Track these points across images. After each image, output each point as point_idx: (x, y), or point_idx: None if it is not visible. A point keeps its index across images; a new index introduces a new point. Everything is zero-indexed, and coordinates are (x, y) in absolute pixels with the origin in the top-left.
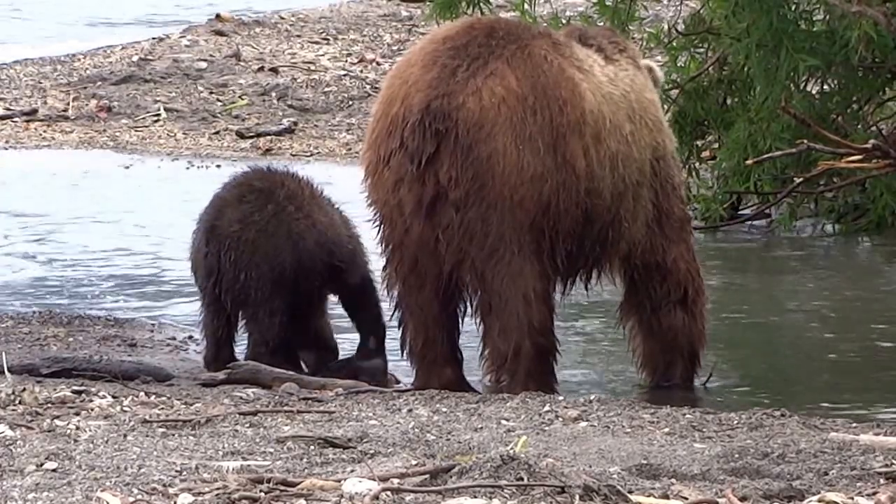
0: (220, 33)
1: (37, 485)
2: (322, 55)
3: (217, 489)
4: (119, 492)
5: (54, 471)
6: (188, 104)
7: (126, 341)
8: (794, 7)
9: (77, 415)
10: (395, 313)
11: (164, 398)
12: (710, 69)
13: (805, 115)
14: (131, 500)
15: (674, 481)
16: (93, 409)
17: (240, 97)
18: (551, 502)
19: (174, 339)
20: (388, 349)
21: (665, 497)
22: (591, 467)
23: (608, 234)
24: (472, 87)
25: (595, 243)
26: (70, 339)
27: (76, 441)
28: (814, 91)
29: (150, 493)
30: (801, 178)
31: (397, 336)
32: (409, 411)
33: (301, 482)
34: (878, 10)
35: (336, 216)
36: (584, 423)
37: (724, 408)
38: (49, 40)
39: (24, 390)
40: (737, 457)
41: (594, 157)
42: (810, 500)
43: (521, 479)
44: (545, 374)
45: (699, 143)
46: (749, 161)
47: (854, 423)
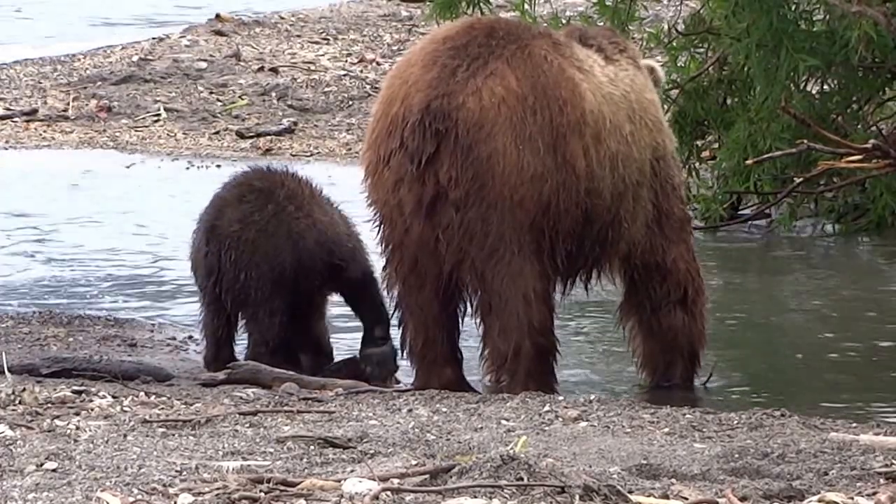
0: (220, 33)
1: (37, 485)
2: (322, 55)
3: (217, 489)
4: (119, 492)
5: (54, 471)
6: (188, 104)
7: (126, 341)
8: (794, 7)
9: (77, 415)
10: (395, 313)
11: (164, 398)
12: (710, 69)
13: (805, 115)
14: (131, 500)
15: (674, 481)
16: (93, 409)
17: (240, 97)
18: (551, 502)
19: (174, 339)
20: None
21: (665, 497)
22: (591, 467)
23: (608, 235)
24: (472, 87)
25: (595, 243)
26: (70, 339)
27: (76, 441)
28: (814, 91)
29: (150, 493)
30: (801, 178)
31: (397, 336)
32: (409, 411)
33: (301, 482)
34: (878, 10)
35: (336, 215)
36: (584, 423)
37: (724, 408)
38: (49, 40)
39: (24, 390)
40: (737, 457)
41: (594, 157)
42: (810, 500)
43: (521, 479)
44: (545, 374)
45: (699, 143)
46: (749, 161)
47: (854, 423)
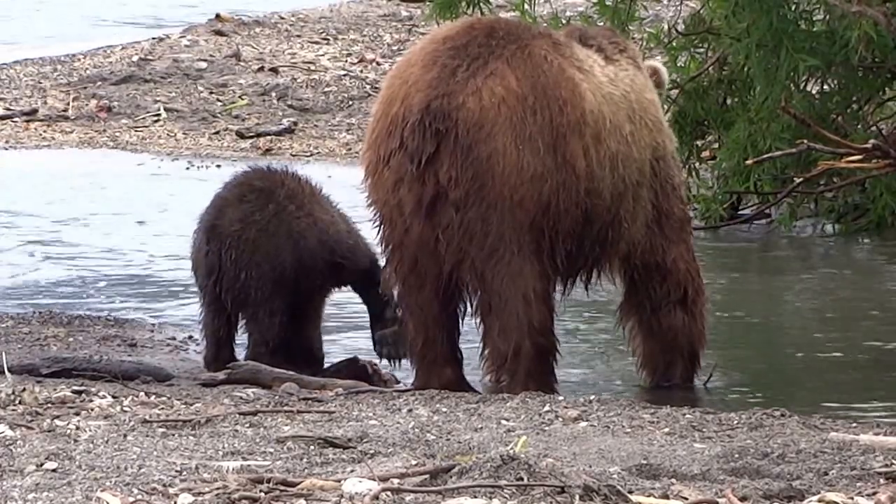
0: (220, 33)
1: (37, 485)
2: (322, 55)
3: (217, 489)
4: (119, 492)
5: (54, 471)
6: (188, 104)
7: (126, 341)
8: (794, 7)
9: (77, 415)
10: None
11: (164, 398)
12: (710, 69)
13: (805, 115)
14: (131, 500)
15: (674, 481)
16: (93, 409)
17: (240, 97)
18: (551, 502)
19: (174, 339)
20: None
21: (665, 497)
22: (591, 467)
23: (608, 235)
24: (472, 87)
25: (595, 243)
26: (70, 339)
27: (76, 441)
28: (814, 91)
29: (150, 493)
30: (801, 178)
31: None
32: (409, 411)
33: (301, 482)
34: (878, 10)
35: (336, 214)
36: (584, 423)
37: (724, 408)
38: (49, 40)
39: (24, 390)
40: (737, 457)
41: (594, 157)
42: (810, 500)
43: (521, 479)
44: (545, 374)
45: (699, 143)
46: (749, 161)
47: (854, 423)
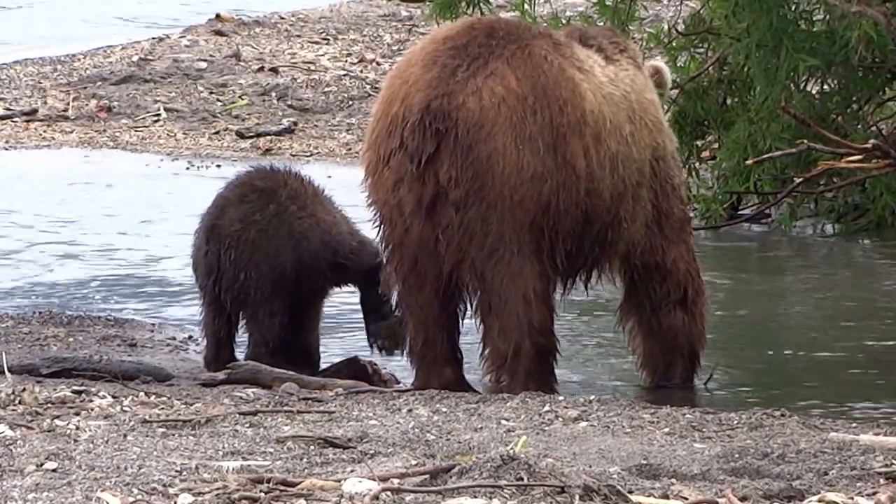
0: (220, 33)
1: (37, 485)
2: (322, 55)
3: (217, 489)
4: (119, 492)
5: (54, 471)
6: (188, 104)
7: (126, 341)
8: (794, 7)
9: (77, 415)
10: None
11: (164, 398)
12: (710, 69)
13: (805, 115)
14: (131, 500)
15: (674, 481)
16: (93, 409)
17: (240, 97)
18: (551, 502)
19: (174, 339)
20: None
21: (665, 497)
22: (591, 467)
23: (608, 235)
24: (472, 86)
25: (595, 243)
26: (70, 339)
27: (76, 441)
28: (814, 91)
29: (150, 493)
30: (801, 178)
31: None
32: (409, 411)
33: (301, 482)
34: (878, 10)
35: (339, 214)
36: (584, 423)
37: (724, 408)
38: (49, 40)
39: (24, 390)
40: (737, 457)
41: (594, 157)
42: (810, 500)
43: (521, 479)
44: (545, 374)
45: (699, 143)
46: (749, 161)
47: (854, 423)
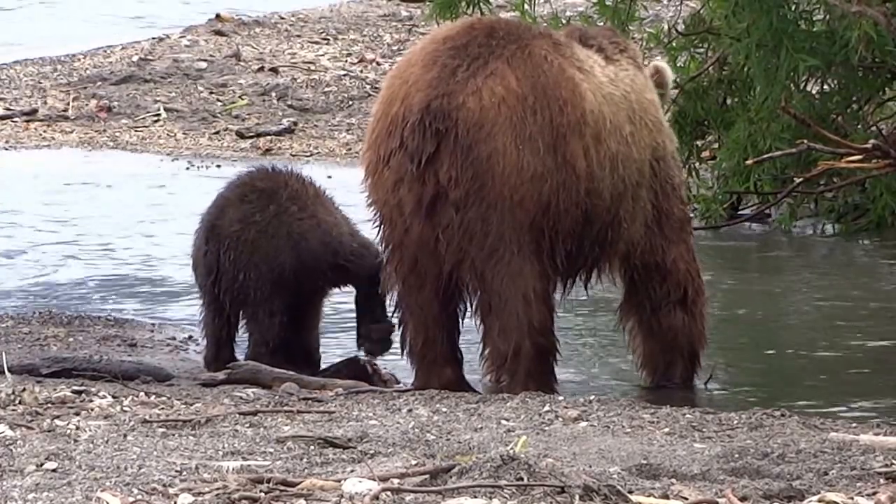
0: (220, 33)
1: (37, 485)
2: (322, 55)
3: (217, 489)
4: (119, 492)
5: (54, 471)
6: (188, 104)
7: (126, 341)
8: (794, 7)
9: (77, 415)
10: (396, 313)
11: (164, 398)
12: (710, 69)
13: (805, 115)
14: (131, 500)
15: (674, 481)
16: (93, 409)
17: (240, 97)
18: (551, 502)
19: (174, 339)
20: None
21: (665, 497)
22: (591, 467)
23: (608, 235)
24: (472, 86)
25: (595, 243)
26: (70, 339)
27: (76, 441)
28: (814, 91)
29: (150, 493)
30: (801, 178)
31: (397, 336)
32: (409, 411)
33: (301, 482)
34: (878, 10)
35: (340, 215)
36: (584, 423)
37: (724, 408)
38: (49, 40)
39: (24, 390)
40: (737, 457)
41: (594, 157)
42: (810, 500)
43: (521, 479)
44: (545, 374)
45: (699, 143)
46: (749, 161)
47: (854, 423)
